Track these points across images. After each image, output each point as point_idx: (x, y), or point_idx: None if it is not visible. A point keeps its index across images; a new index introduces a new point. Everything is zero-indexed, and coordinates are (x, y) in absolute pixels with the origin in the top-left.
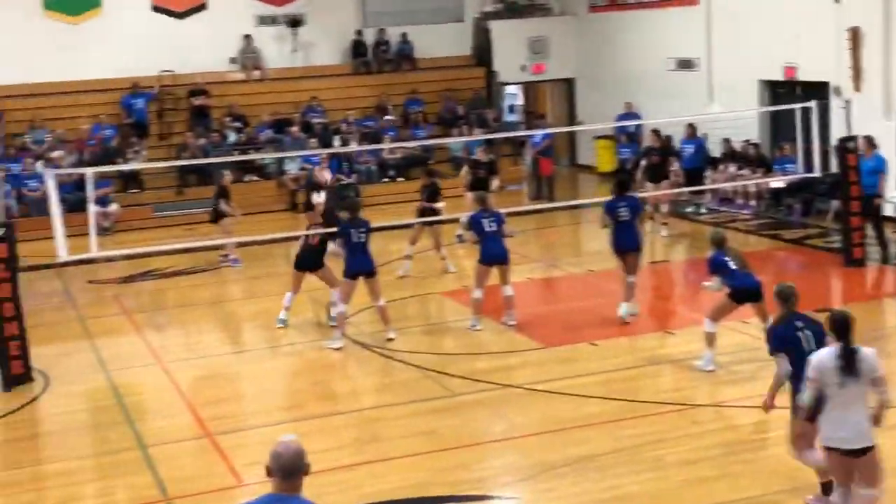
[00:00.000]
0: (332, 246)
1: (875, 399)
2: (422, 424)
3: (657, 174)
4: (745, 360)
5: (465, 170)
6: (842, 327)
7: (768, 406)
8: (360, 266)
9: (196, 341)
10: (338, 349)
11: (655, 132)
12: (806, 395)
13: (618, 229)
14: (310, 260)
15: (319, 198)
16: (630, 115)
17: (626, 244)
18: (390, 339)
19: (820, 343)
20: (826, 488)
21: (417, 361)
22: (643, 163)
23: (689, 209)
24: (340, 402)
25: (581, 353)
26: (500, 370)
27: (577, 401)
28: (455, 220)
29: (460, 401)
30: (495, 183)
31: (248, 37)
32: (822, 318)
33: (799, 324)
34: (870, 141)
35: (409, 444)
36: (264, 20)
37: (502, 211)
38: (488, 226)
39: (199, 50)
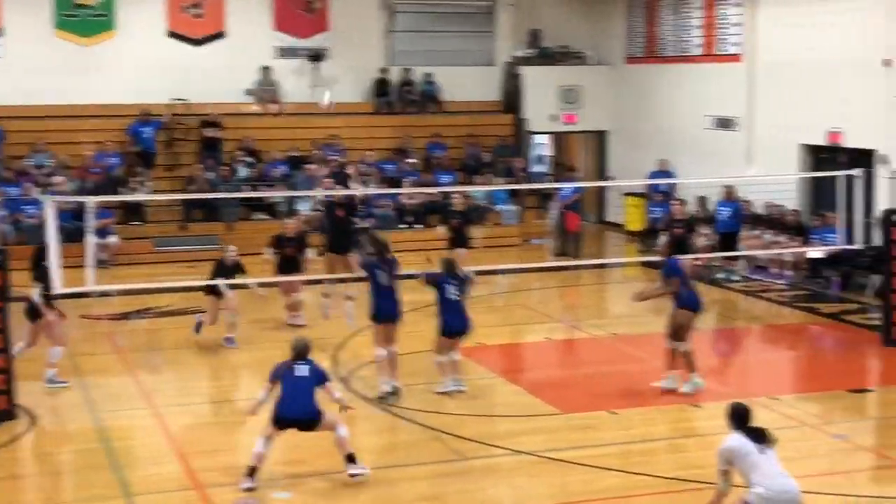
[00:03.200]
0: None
1: None
2: (427, 489)
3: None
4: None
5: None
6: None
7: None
8: (387, 311)
9: (191, 386)
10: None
11: (680, 202)
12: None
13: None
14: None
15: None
16: (664, 172)
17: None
18: (393, 390)
19: None
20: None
21: (426, 421)
22: (664, 238)
23: (721, 275)
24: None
25: (599, 422)
26: (512, 435)
27: (592, 472)
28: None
29: (469, 465)
30: (474, 235)
31: (266, 69)
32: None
33: None
34: None
35: None
36: (285, 52)
37: (524, 265)
38: (452, 293)
39: (213, 79)
